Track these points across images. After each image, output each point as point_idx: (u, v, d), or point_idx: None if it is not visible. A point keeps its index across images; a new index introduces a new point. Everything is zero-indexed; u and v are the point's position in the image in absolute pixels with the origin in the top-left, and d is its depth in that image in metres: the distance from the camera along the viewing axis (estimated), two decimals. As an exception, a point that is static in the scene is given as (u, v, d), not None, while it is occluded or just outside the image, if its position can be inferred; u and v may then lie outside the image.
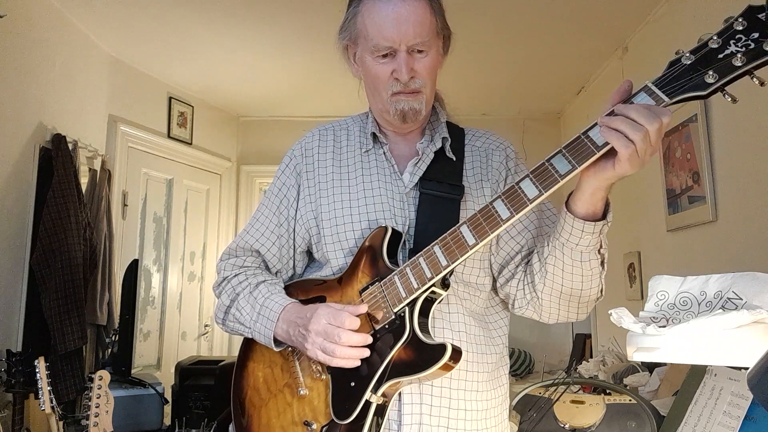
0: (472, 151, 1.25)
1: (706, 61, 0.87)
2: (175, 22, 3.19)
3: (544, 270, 1.09)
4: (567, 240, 1.02)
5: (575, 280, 1.07)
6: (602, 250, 1.05)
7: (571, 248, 1.03)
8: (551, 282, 1.09)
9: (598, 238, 1.02)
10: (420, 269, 1.04)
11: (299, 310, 1.12)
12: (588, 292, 1.09)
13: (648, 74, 0.93)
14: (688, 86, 0.88)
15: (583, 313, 1.14)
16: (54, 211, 2.77)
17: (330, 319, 1.05)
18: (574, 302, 1.12)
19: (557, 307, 1.13)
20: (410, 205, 1.18)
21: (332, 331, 1.04)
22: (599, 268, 1.06)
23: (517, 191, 0.98)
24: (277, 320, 1.14)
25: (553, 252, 1.06)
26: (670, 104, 0.89)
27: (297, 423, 1.12)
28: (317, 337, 1.05)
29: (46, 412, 1.97)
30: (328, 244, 1.19)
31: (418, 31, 1.10)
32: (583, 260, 1.04)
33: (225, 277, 1.28)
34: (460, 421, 1.11)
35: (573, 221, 1.00)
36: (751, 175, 2.19)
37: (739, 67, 0.84)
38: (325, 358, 1.05)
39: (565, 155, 0.94)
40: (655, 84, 0.91)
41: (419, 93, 1.15)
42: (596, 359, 3.04)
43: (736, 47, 0.85)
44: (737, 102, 0.87)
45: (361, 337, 1.05)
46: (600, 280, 1.09)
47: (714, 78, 0.86)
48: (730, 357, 0.90)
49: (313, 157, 1.26)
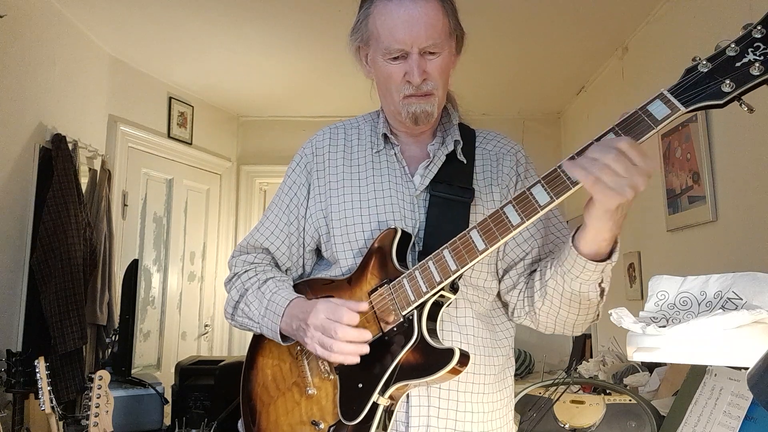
0: (483, 155, 1.25)
1: (723, 69, 0.85)
2: (175, 22, 3.19)
3: (544, 290, 1.10)
4: (569, 270, 1.03)
5: (572, 307, 1.09)
6: (603, 284, 1.05)
7: (572, 278, 1.04)
8: (549, 303, 1.11)
9: (600, 275, 1.02)
10: (429, 273, 1.04)
11: (302, 305, 1.13)
12: (584, 318, 1.12)
13: (648, 74, 0.93)
14: (705, 95, 0.86)
15: (578, 331, 1.16)
16: (54, 211, 2.77)
17: (328, 313, 1.05)
18: (570, 323, 1.14)
19: (553, 324, 1.15)
20: (420, 208, 1.18)
21: (329, 325, 1.04)
22: (598, 299, 1.07)
23: (528, 197, 0.97)
24: (283, 314, 1.14)
25: (555, 277, 1.07)
26: (685, 112, 0.88)
27: (305, 422, 1.13)
28: (315, 331, 1.06)
29: (46, 412, 1.97)
30: (337, 243, 1.19)
31: (430, 33, 1.10)
32: (582, 291, 1.05)
33: (236, 273, 1.29)
34: (467, 423, 1.12)
35: (576, 257, 1.01)
36: (751, 175, 2.19)
37: (756, 77, 0.83)
38: (323, 352, 1.05)
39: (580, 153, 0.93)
40: (670, 92, 0.89)
41: (431, 95, 1.14)
42: (596, 359, 3.04)
43: (754, 56, 0.83)
44: (754, 111, 0.85)
45: (358, 332, 1.04)
46: (597, 308, 1.11)
47: (731, 87, 0.84)
48: (730, 357, 0.90)
49: (324, 156, 1.25)
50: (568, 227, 1.22)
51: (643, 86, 3.05)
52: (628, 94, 3.28)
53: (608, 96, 3.68)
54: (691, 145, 2.56)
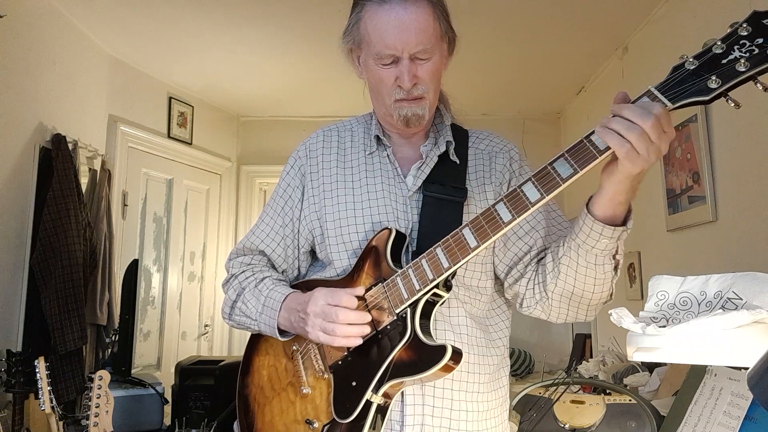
0: (476, 154, 1.25)
1: (709, 66, 0.87)
2: (175, 22, 3.19)
3: (557, 270, 1.09)
4: (583, 242, 1.02)
5: (587, 282, 1.07)
6: (618, 255, 1.05)
7: (587, 250, 1.02)
8: (563, 283, 1.09)
9: (615, 243, 1.01)
10: (422, 271, 1.05)
11: (299, 297, 1.14)
12: (599, 296, 1.09)
13: (648, 74, 0.94)
14: (691, 91, 0.88)
15: (591, 315, 1.14)
16: (54, 211, 2.77)
17: (327, 299, 1.07)
18: (584, 305, 1.12)
19: (566, 309, 1.13)
20: (413, 208, 1.18)
21: (330, 310, 1.05)
22: (612, 272, 1.06)
23: (519, 194, 0.98)
24: (280, 309, 1.15)
25: (568, 252, 1.06)
26: (672, 109, 0.89)
27: (299, 421, 1.13)
28: (316, 318, 1.06)
29: (46, 412, 1.97)
30: (331, 245, 1.20)
31: (421, 38, 1.10)
32: (597, 263, 1.03)
33: (233, 274, 1.30)
34: (461, 422, 1.12)
35: (592, 223, 1.00)
36: (751, 175, 2.19)
37: (742, 72, 0.84)
38: (326, 338, 1.06)
39: (567, 159, 0.94)
40: (657, 89, 0.91)
41: (422, 99, 1.15)
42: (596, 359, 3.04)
43: (740, 52, 0.85)
44: (740, 107, 0.86)
45: (358, 314, 1.06)
46: (611, 285, 1.09)
47: (717, 83, 0.85)
48: (730, 357, 0.90)
49: (318, 158, 1.26)
50: (568, 222, 1.22)
51: (643, 86, 3.03)
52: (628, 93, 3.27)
53: (608, 96, 3.65)
54: (691, 145, 2.56)
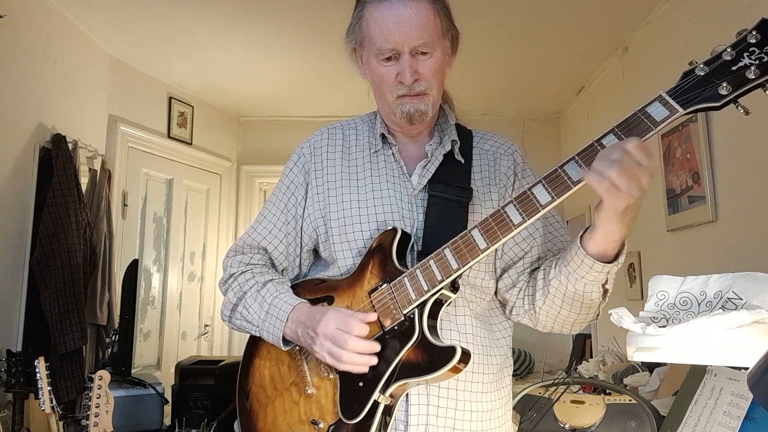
0: (480, 155, 1.25)
1: (719, 72, 0.88)
2: (175, 22, 3.19)
3: (547, 289, 1.11)
4: (574, 270, 1.04)
5: (574, 306, 1.10)
6: (607, 285, 1.06)
7: (576, 279, 1.04)
8: (551, 302, 1.11)
9: (605, 276, 1.03)
10: (430, 272, 1.05)
11: (308, 311, 1.12)
12: (584, 317, 1.13)
13: (648, 74, 0.94)
14: (702, 97, 0.88)
15: (576, 330, 1.18)
16: (54, 211, 2.77)
17: (339, 324, 1.06)
18: (569, 323, 1.15)
19: (552, 323, 1.16)
20: (418, 207, 1.18)
21: (340, 336, 1.04)
22: (600, 299, 1.08)
23: (529, 197, 0.98)
24: (287, 320, 1.14)
25: (558, 276, 1.08)
26: (684, 114, 0.90)
27: (304, 422, 1.13)
28: (325, 340, 1.06)
29: (46, 412, 1.97)
30: (336, 244, 1.19)
31: (421, 32, 1.10)
32: (586, 291, 1.05)
33: (231, 274, 1.28)
34: (465, 422, 1.12)
35: (584, 257, 1.01)
36: (751, 175, 2.19)
37: (752, 80, 0.85)
38: (332, 362, 1.06)
39: (578, 162, 0.95)
40: (669, 94, 0.91)
41: (425, 95, 1.14)
42: (596, 359, 3.04)
43: (749, 60, 0.86)
44: (749, 114, 0.87)
45: (368, 344, 1.05)
46: (598, 309, 1.12)
47: (727, 90, 0.86)
48: (730, 357, 0.90)
49: (322, 156, 1.26)
50: (566, 228, 1.23)
51: (643, 86, 3.05)
52: (628, 94, 3.28)
53: (608, 96, 3.69)
54: (691, 145, 2.56)
